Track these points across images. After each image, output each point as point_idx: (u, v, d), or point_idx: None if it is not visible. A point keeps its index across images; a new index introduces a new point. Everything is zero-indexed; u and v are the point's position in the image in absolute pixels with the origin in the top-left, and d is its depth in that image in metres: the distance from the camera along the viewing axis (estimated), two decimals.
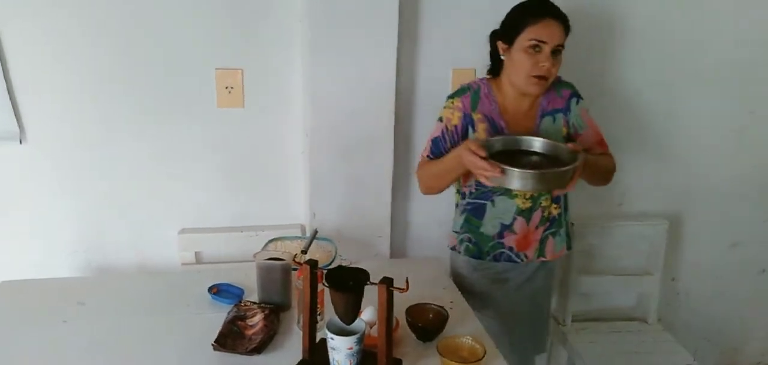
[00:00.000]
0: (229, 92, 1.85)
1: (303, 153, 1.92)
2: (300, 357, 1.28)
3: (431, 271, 1.83)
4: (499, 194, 1.61)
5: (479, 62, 1.95)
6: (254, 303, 1.49)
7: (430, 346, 1.36)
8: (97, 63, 1.78)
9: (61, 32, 1.74)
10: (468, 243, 1.69)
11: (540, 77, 1.49)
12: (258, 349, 1.31)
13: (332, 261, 1.67)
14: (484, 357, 1.27)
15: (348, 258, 1.78)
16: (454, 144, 1.57)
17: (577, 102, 1.64)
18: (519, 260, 1.69)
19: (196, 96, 1.86)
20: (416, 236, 2.11)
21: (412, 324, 1.39)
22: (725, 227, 2.36)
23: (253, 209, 2.00)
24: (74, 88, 1.79)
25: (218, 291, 1.58)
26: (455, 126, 1.58)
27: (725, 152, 2.25)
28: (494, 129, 1.57)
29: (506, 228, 1.65)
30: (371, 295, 1.21)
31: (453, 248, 1.75)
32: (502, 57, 1.56)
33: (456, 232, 1.72)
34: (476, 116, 1.58)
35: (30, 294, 1.59)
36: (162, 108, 1.85)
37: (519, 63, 1.50)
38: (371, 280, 1.19)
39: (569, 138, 1.62)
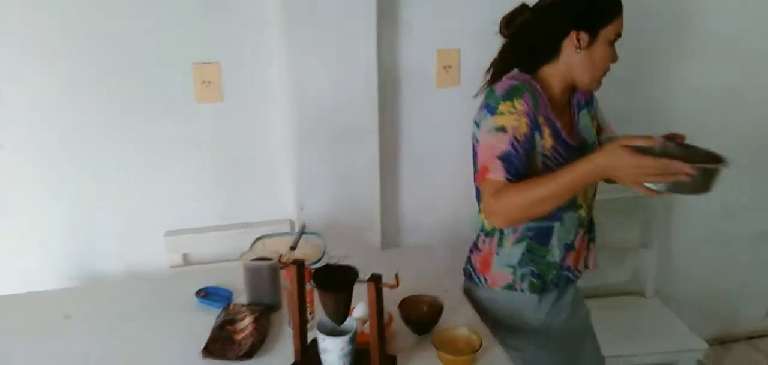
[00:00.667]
0: (207, 87, 1.79)
1: (287, 146, 1.87)
2: (292, 359, 1.24)
3: (424, 260, 1.79)
4: (568, 210, 1.37)
5: (464, 42, 1.91)
6: (243, 305, 1.45)
7: (426, 339, 1.33)
8: (71, 64, 1.72)
9: (32, 33, 1.68)
10: (532, 278, 1.40)
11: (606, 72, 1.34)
12: (249, 354, 1.27)
13: (322, 256, 1.64)
14: (480, 347, 1.24)
15: (338, 252, 1.75)
16: (527, 157, 1.27)
17: (594, 96, 1.51)
18: (574, 278, 1.47)
19: (173, 92, 1.80)
20: (408, 225, 2.07)
21: (405, 318, 1.36)
22: (720, 196, 2.33)
23: (240, 206, 1.96)
24: (47, 91, 1.74)
25: (206, 294, 1.54)
26: (525, 135, 1.25)
27: (717, 120, 2.22)
28: (555, 132, 1.31)
29: (569, 248, 1.41)
30: (363, 290, 1.17)
31: (509, 287, 1.41)
32: (577, 50, 1.28)
33: (510, 266, 1.40)
34: (541, 119, 1.29)
35: (13, 310, 1.54)
36: (139, 107, 1.80)
37: (602, 57, 1.29)
38: (361, 275, 1.15)
39: (598, 132, 1.50)
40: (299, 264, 1.17)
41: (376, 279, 1.10)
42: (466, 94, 1.97)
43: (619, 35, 1.30)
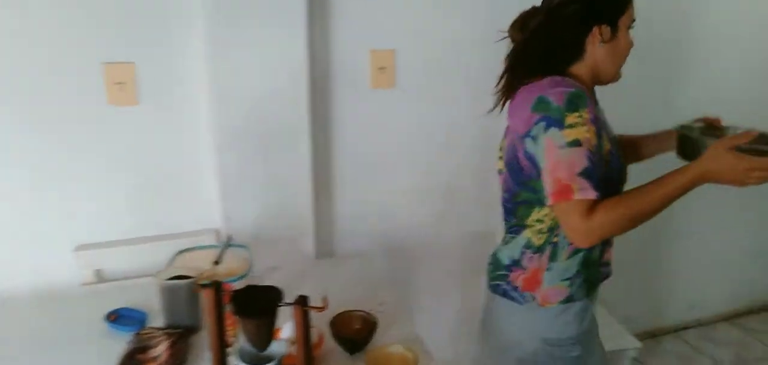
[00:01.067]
0: (120, 89, 1.63)
1: (211, 151, 1.73)
2: None
3: (359, 269, 1.73)
4: None
5: (399, 42, 1.85)
6: (159, 328, 1.32)
7: (359, 357, 1.25)
8: None
9: None
10: (586, 286, 1.31)
11: None
12: None
13: (249, 270, 1.52)
14: None
15: (268, 264, 1.65)
16: (600, 168, 1.18)
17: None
18: (608, 273, 1.40)
19: (83, 95, 1.63)
20: (343, 231, 1.98)
21: (337, 337, 1.27)
22: None
23: (160, 217, 1.80)
24: None
25: (117, 317, 1.40)
26: (595, 145, 1.15)
27: (647, 118, 2.25)
28: (608, 135, 1.26)
29: (607, 244, 1.35)
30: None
31: (567, 300, 1.29)
32: (601, 44, 1.23)
33: (567, 280, 1.28)
34: (601, 124, 1.22)
35: None
36: (44, 111, 1.61)
37: (624, 46, 1.26)
38: (289, 293, 1.06)
39: None
40: (216, 286, 1.06)
41: (302, 302, 1.00)
42: (403, 96, 1.93)
43: (633, 20, 1.27)
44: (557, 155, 1.13)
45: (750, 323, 2.78)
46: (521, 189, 1.25)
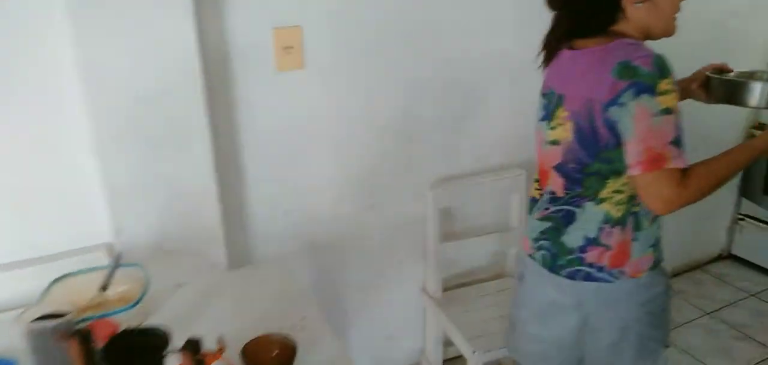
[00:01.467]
0: None
1: (91, 154, 1.47)
2: None
3: (278, 278, 1.54)
4: None
5: (306, 18, 1.64)
6: None
7: None
8: None
9: None
10: (662, 247, 1.29)
11: None
12: None
13: (144, 294, 1.29)
14: None
15: (172, 282, 1.43)
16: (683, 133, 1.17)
17: None
18: None
19: None
20: (260, 233, 1.77)
21: None
22: None
23: (36, 236, 1.52)
24: None
25: None
26: (680, 112, 1.13)
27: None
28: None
29: None
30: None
31: (654, 266, 1.26)
32: (637, 4, 1.16)
33: (652, 246, 1.26)
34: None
35: None
36: None
37: (667, 1, 1.18)
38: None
39: None
40: (83, 335, 0.83)
41: (192, 347, 0.80)
42: (315, 78, 1.73)
43: None
44: (649, 123, 1.09)
45: (679, 284, 2.83)
46: (594, 160, 1.18)
